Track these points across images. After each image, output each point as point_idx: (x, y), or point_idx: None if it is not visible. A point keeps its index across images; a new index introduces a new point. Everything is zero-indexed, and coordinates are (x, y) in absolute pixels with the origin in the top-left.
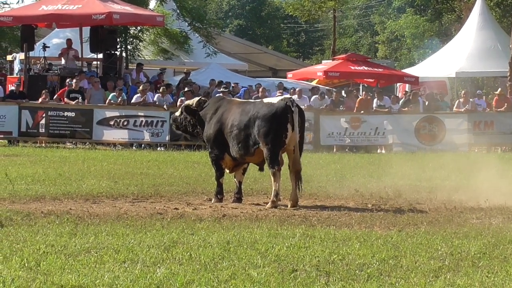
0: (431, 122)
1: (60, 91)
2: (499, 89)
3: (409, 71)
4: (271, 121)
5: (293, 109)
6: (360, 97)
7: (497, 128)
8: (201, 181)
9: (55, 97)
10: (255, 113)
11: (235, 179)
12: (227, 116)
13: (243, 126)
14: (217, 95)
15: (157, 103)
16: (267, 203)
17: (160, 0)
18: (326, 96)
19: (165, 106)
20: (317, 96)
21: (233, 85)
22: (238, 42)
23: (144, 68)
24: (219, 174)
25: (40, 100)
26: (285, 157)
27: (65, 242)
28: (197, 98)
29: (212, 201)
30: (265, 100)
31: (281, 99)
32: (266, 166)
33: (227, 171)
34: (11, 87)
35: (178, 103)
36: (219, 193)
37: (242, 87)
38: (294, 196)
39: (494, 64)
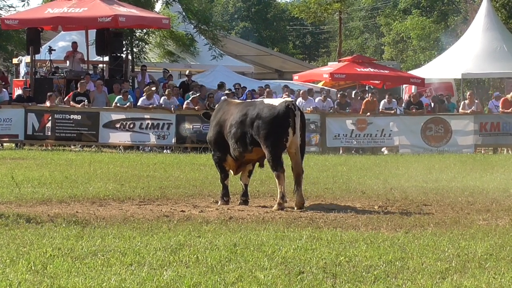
0: (437, 123)
1: (70, 94)
2: (511, 93)
3: (415, 72)
4: (272, 123)
5: (295, 112)
6: (366, 98)
7: (504, 129)
8: (208, 184)
9: (65, 99)
10: (255, 113)
11: (241, 182)
12: (225, 118)
13: (240, 123)
14: (222, 97)
15: (163, 105)
16: (273, 205)
17: (166, 2)
18: (328, 99)
19: (172, 108)
20: (320, 98)
21: (237, 87)
22: (244, 44)
23: (150, 70)
24: (224, 176)
25: (48, 103)
26: (286, 158)
27: (71, 245)
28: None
29: (219, 204)
30: (266, 100)
31: (283, 102)
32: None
33: (232, 173)
34: (17, 91)
35: (184, 106)
36: (225, 195)
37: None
38: (300, 198)
39: (500, 65)
